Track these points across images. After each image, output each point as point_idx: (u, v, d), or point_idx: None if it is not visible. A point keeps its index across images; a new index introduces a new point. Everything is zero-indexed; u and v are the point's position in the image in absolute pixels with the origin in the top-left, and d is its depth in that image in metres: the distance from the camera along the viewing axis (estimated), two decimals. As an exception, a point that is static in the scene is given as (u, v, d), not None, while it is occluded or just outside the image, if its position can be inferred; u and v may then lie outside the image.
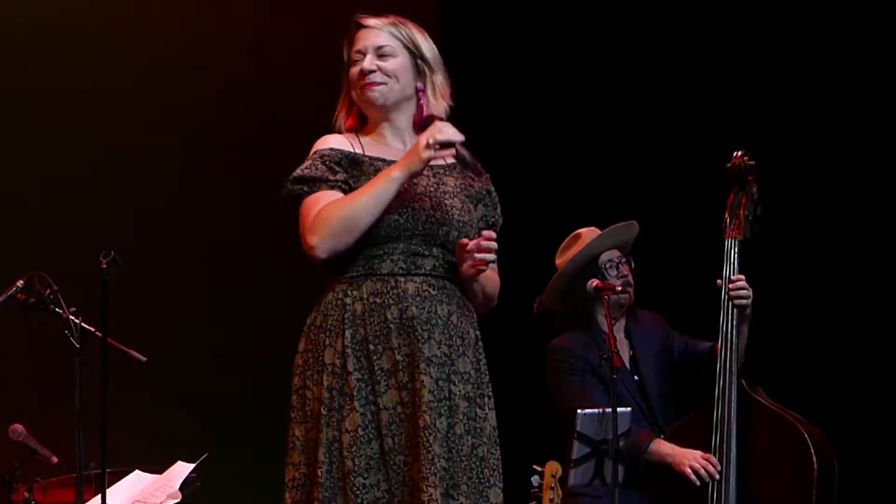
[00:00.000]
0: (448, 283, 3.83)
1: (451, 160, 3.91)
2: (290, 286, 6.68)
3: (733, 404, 5.02)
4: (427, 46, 3.95)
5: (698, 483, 5.03)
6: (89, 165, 6.44)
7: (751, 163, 5.21)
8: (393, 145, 3.93)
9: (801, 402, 5.18)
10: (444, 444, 3.72)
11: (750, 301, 5.10)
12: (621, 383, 5.21)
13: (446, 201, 3.86)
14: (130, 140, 6.52)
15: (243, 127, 6.74)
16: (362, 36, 3.93)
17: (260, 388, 6.54)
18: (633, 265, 5.39)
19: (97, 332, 4.43)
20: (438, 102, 3.92)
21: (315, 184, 3.83)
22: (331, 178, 3.83)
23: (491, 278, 3.94)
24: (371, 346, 3.75)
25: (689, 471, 5.04)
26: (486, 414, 3.82)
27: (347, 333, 3.76)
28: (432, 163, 3.84)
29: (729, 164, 5.22)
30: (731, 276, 5.10)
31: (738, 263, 5.12)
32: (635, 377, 5.34)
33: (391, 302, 3.76)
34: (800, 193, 6.43)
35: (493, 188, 4.03)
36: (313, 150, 3.92)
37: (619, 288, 5.19)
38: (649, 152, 6.80)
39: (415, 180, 3.82)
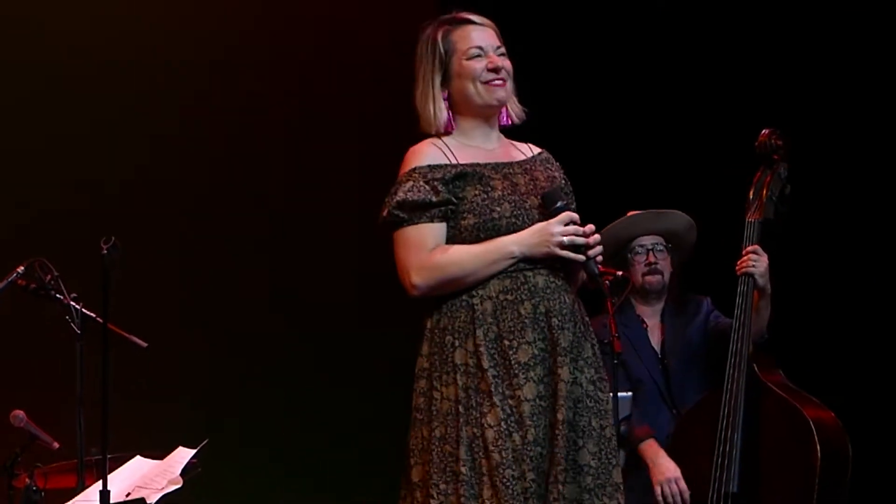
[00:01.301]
0: (565, 274, 3.88)
1: (528, 154, 4.02)
2: (291, 274, 6.69)
3: (741, 389, 4.97)
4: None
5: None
6: (91, 152, 6.42)
7: (778, 142, 5.13)
8: (482, 146, 3.98)
9: (826, 387, 5.11)
10: (572, 434, 3.79)
11: (758, 270, 5.01)
12: (646, 367, 5.28)
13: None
14: (132, 126, 6.50)
15: (246, 114, 6.73)
16: (477, 34, 3.99)
17: (262, 374, 6.54)
18: (670, 256, 5.35)
19: (98, 318, 4.42)
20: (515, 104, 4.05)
21: (417, 213, 3.86)
22: (434, 200, 3.85)
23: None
24: (506, 343, 3.79)
25: (658, 490, 5.08)
26: (607, 397, 3.90)
27: (479, 332, 3.80)
28: (518, 157, 3.98)
29: (756, 143, 5.14)
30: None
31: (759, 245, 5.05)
32: (662, 361, 5.34)
33: (524, 297, 3.82)
34: (830, 175, 6.23)
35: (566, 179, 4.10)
36: (409, 165, 3.92)
37: (621, 273, 5.15)
38: (684, 136, 6.65)
39: (514, 179, 3.91)
